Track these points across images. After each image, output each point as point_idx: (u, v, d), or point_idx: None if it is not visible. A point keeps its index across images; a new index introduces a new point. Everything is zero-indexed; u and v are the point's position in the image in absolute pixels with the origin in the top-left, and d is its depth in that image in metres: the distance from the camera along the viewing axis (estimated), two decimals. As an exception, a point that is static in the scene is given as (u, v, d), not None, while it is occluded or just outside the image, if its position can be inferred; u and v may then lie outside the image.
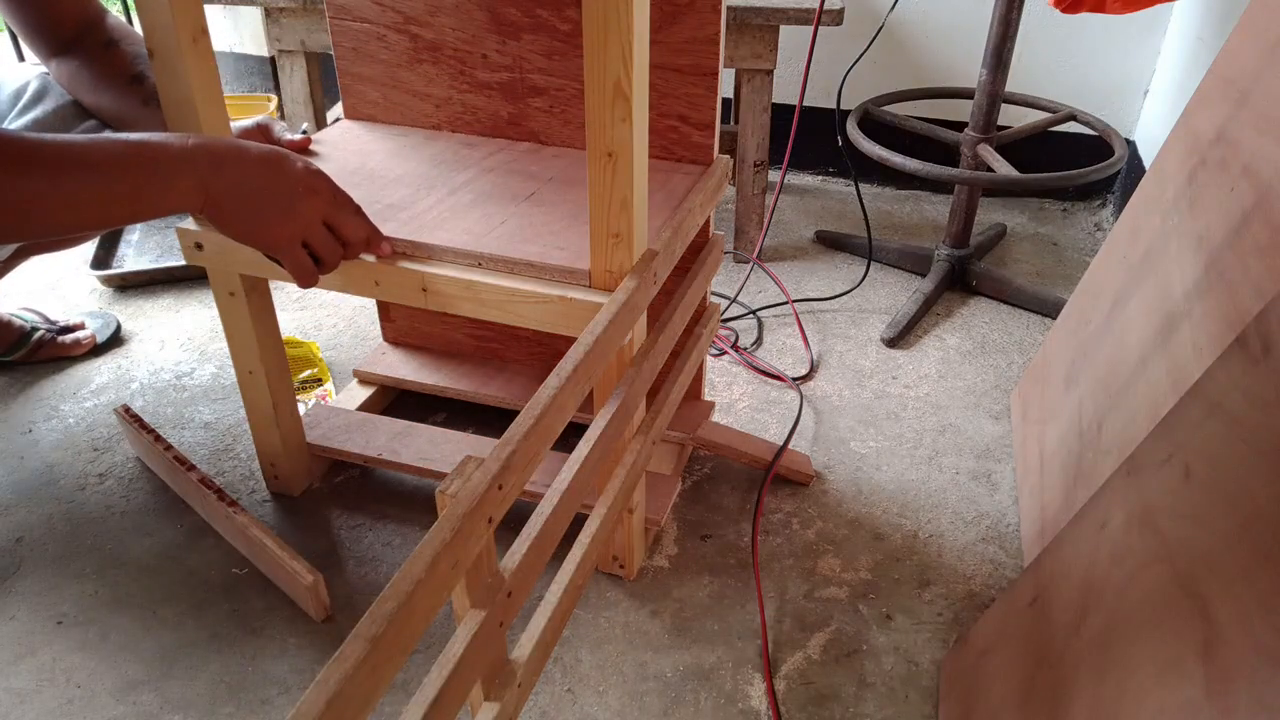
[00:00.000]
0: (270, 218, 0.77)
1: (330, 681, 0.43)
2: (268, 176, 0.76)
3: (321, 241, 0.80)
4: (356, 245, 0.81)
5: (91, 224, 0.74)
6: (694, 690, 0.86)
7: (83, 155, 0.70)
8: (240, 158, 0.75)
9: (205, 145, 0.74)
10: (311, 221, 0.78)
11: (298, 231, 0.78)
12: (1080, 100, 1.82)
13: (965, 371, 1.34)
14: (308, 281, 0.81)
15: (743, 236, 1.67)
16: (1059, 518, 0.91)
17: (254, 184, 0.75)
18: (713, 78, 0.92)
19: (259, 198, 0.76)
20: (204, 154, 0.73)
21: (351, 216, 0.80)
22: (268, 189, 0.76)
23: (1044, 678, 0.66)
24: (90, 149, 0.71)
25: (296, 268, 0.79)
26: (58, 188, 0.69)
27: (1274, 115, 0.79)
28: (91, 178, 0.70)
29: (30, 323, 1.30)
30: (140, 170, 0.71)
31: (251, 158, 0.75)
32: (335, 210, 0.79)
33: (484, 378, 1.18)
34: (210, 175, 0.73)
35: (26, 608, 0.93)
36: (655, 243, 0.82)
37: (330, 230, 0.80)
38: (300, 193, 0.77)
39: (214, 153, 0.74)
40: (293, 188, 0.76)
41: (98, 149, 0.71)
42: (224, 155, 0.74)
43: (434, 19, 0.99)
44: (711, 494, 1.10)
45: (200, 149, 0.73)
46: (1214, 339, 0.73)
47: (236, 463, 1.13)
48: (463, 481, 0.55)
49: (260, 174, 0.75)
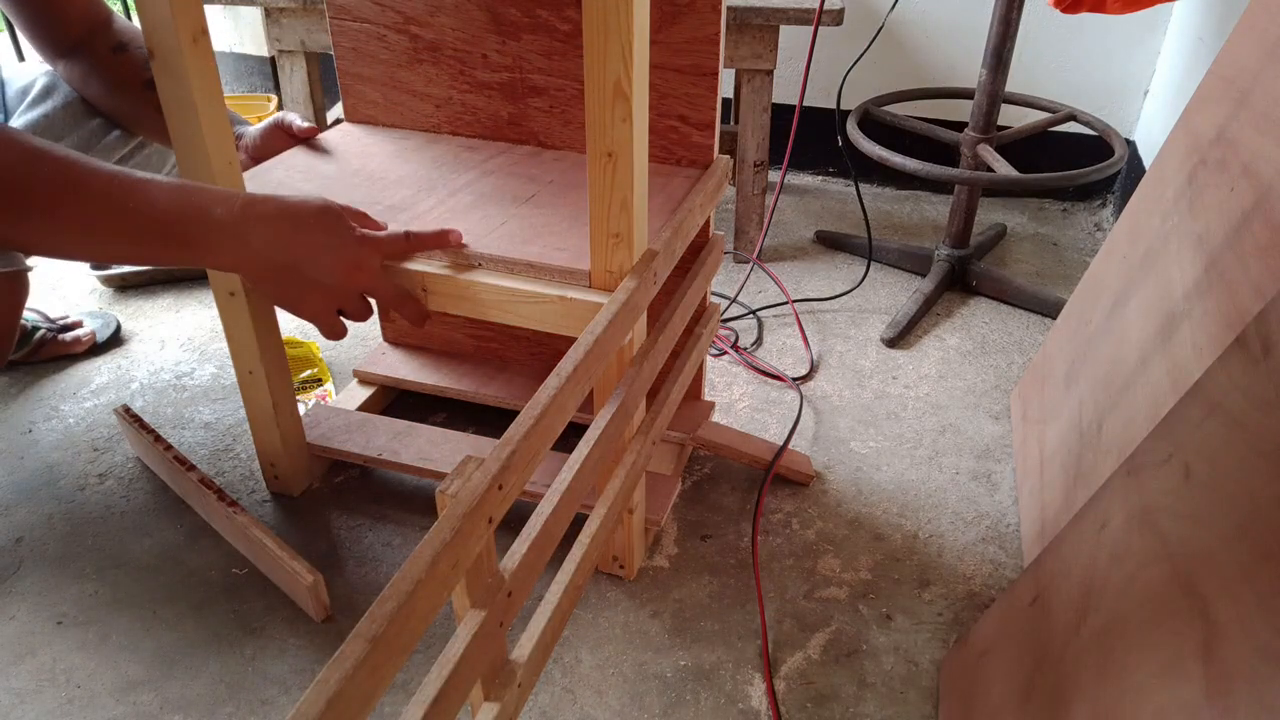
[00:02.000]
0: (309, 293, 0.75)
1: (330, 681, 0.43)
2: (321, 244, 0.73)
3: (357, 310, 0.79)
4: (392, 308, 0.80)
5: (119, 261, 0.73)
6: (694, 690, 0.86)
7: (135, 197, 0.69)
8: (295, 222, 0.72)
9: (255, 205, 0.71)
10: (351, 296, 0.77)
11: (335, 304, 0.77)
12: (1080, 100, 1.82)
13: (965, 371, 1.34)
14: (336, 338, 0.81)
15: (743, 236, 1.67)
16: (1059, 518, 0.91)
17: (303, 254, 0.73)
18: (713, 78, 0.92)
19: (304, 270, 0.74)
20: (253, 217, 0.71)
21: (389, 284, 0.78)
22: (316, 262, 0.74)
23: (1044, 678, 0.66)
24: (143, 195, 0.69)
25: (328, 330, 0.80)
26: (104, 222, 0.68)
27: (1274, 115, 0.79)
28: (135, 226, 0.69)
29: (31, 322, 1.30)
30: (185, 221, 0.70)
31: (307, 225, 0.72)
32: (377, 283, 0.78)
33: (484, 378, 1.18)
34: (261, 246, 0.71)
35: (26, 608, 0.93)
36: (655, 243, 0.82)
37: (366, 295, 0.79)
38: (345, 270, 0.75)
39: (264, 216, 0.71)
40: (340, 263, 0.74)
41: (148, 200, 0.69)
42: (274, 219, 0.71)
43: (434, 19, 0.99)
44: (711, 494, 1.10)
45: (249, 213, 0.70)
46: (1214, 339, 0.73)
47: (236, 463, 1.13)
48: (463, 481, 0.55)
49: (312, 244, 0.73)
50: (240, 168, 0.88)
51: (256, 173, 0.96)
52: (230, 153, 0.87)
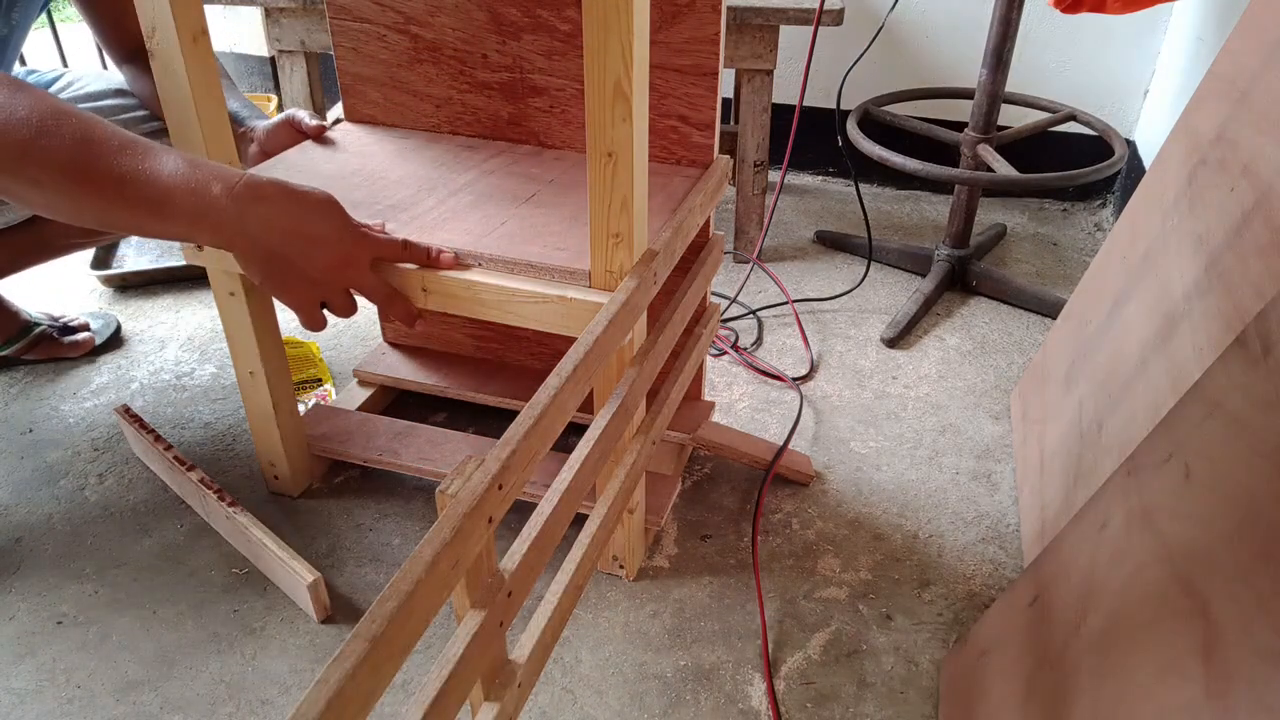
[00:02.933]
0: (295, 281, 0.76)
1: (330, 681, 0.43)
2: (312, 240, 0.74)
3: (341, 306, 0.79)
4: (381, 306, 0.81)
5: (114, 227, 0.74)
6: (694, 690, 0.86)
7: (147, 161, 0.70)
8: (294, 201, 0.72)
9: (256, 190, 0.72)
10: (337, 290, 0.78)
11: (320, 296, 0.78)
12: (1080, 100, 1.82)
13: (965, 371, 1.34)
14: (314, 329, 0.81)
15: (743, 236, 1.67)
16: (1059, 518, 0.91)
17: (296, 241, 0.73)
18: (713, 78, 0.92)
19: (293, 258, 0.74)
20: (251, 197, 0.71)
21: (378, 283, 0.79)
22: (307, 251, 0.74)
23: (1044, 678, 0.66)
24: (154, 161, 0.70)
25: (308, 320, 0.80)
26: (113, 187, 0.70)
27: (1274, 115, 0.79)
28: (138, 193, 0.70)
29: (33, 318, 1.30)
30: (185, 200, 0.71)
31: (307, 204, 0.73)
32: (365, 281, 0.78)
33: (484, 378, 1.18)
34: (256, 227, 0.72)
35: (26, 608, 0.93)
36: (655, 243, 0.82)
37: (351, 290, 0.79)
38: (335, 264, 0.75)
39: (265, 198, 0.72)
40: (331, 257, 0.75)
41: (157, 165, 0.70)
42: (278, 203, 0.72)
43: (434, 19, 0.99)
44: (711, 494, 1.10)
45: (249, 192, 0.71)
46: (1214, 339, 0.73)
47: (236, 463, 1.13)
48: (463, 481, 0.55)
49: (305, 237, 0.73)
50: (243, 164, 0.88)
51: (256, 172, 0.96)
52: (229, 151, 0.87)
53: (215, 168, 0.73)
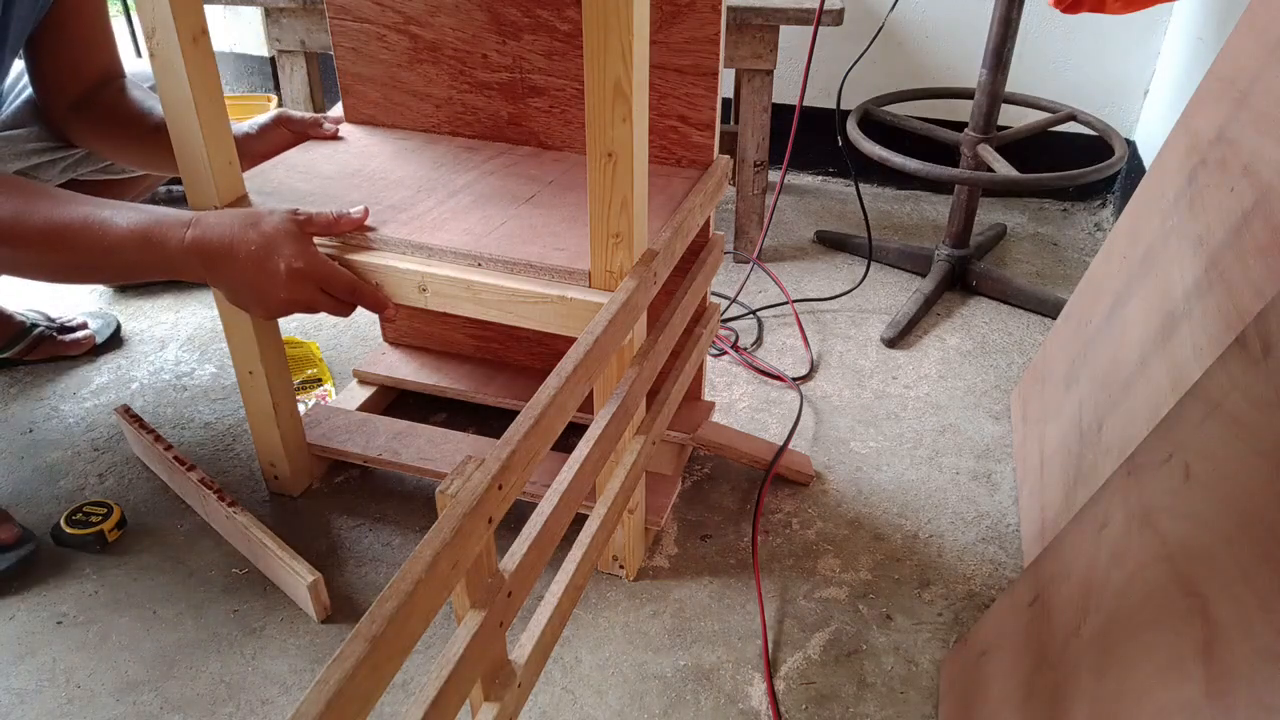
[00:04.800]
0: (253, 307, 0.84)
1: (330, 681, 0.43)
2: (254, 278, 0.81)
3: (308, 312, 0.85)
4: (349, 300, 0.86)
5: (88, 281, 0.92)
6: (694, 690, 0.86)
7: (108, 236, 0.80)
8: (230, 260, 0.81)
9: (200, 244, 0.80)
10: (292, 309, 0.84)
11: (278, 314, 0.85)
12: (1080, 100, 1.82)
13: (965, 371, 1.34)
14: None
15: (743, 236, 1.67)
16: (1059, 518, 0.91)
17: (242, 281, 0.81)
18: (713, 78, 0.92)
19: (247, 292, 0.83)
20: (197, 256, 0.80)
21: (333, 304, 0.84)
22: (254, 286, 0.82)
23: (1044, 678, 0.66)
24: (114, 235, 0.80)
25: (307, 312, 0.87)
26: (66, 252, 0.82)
27: (1274, 115, 0.79)
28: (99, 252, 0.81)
29: (30, 319, 1.30)
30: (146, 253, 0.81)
31: (240, 263, 0.81)
32: (318, 301, 0.83)
33: (484, 378, 1.18)
34: (205, 272, 0.82)
35: (26, 608, 0.93)
36: (655, 243, 0.82)
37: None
38: (282, 301, 0.82)
39: (206, 254, 0.80)
40: (276, 292, 0.82)
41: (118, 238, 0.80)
42: (216, 258, 0.81)
43: (434, 19, 0.99)
44: (711, 494, 1.10)
45: (195, 250, 0.80)
46: (1214, 339, 0.73)
47: (236, 463, 1.13)
48: (463, 481, 0.55)
49: (247, 276, 0.81)
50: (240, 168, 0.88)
51: (257, 172, 0.96)
52: (230, 152, 0.87)
53: (164, 223, 0.80)
